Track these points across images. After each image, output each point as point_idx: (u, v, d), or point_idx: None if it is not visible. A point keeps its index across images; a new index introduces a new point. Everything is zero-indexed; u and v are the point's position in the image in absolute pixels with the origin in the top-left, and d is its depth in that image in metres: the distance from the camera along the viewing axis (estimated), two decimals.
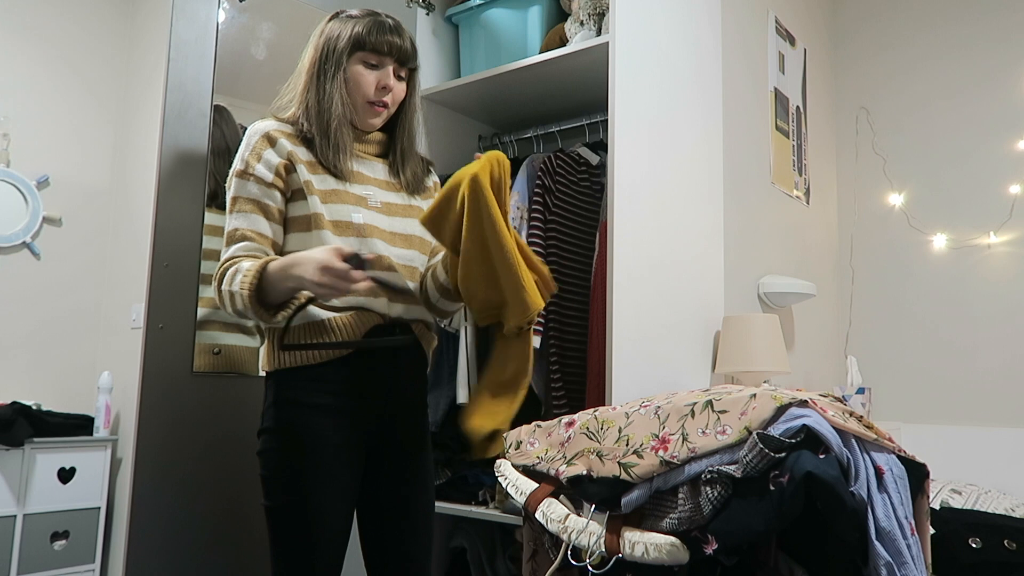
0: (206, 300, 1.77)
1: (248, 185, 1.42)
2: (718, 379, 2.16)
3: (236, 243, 1.41)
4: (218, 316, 1.83)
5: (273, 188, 1.43)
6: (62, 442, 2.94)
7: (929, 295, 2.89)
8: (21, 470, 2.82)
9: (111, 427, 3.15)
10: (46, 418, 2.96)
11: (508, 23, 2.23)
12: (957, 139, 2.89)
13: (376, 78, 1.50)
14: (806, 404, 1.18)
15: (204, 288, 1.78)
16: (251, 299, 1.32)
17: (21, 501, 2.81)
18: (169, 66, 1.69)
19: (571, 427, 1.40)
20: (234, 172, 1.44)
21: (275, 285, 1.34)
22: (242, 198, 1.42)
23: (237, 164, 1.44)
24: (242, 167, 1.43)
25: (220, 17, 1.82)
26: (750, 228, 2.44)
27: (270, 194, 1.43)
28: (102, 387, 3.12)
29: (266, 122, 1.48)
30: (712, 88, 2.24)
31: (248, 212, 1.42)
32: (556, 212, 2.06)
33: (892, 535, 1.11)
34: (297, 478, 1.39)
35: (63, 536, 2.90)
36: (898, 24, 3.08)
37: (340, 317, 1.43)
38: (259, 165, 1.43)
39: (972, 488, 2.26)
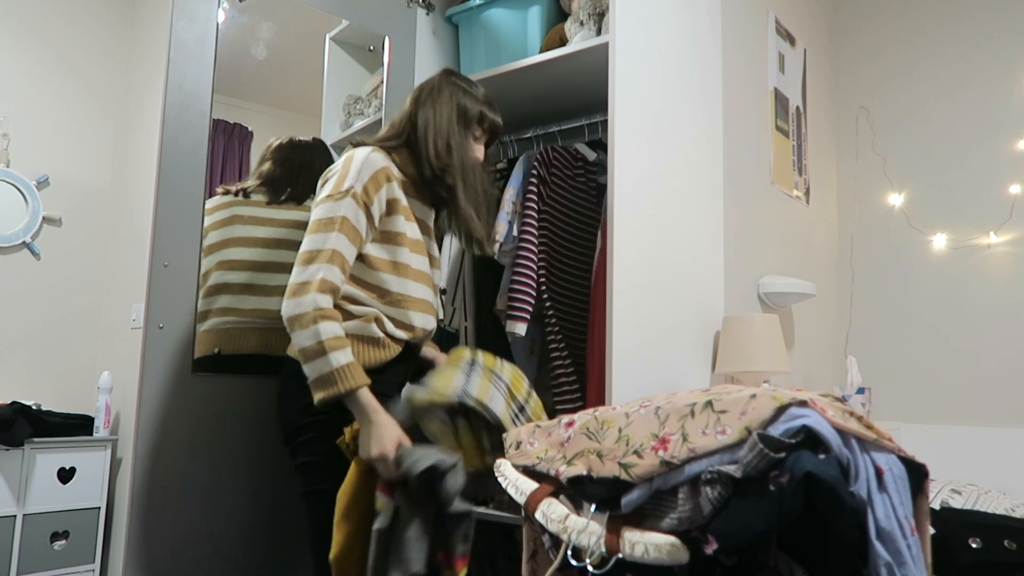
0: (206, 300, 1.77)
1: (359, 213, 1.53)
2: (718, 379, 2.17)
3: (331, 264, 1.49)
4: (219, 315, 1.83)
5: (371, 226, 1.56)
6: (62, 442, 2.95)
7: (929, 295, 2.89)
8: (21, 470, 2.83)
9: (111, 427, 3.15)
10: (46, 418, 2.96)
11: (508, 23, 2.23)
12: (957, 139, 2.89)
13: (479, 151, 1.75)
14: (806, 404, 1.18)
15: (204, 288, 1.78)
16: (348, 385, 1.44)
17: (21, 501, 2.81)
18: (169, 66, 1.69)
19: (571, 427, 1.40)
20: (348, 191, 1.52)
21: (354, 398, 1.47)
22: (349, 221, 1.52)
23: (353, 184, 1.53)
24: (361, 191, 1.53)
25: (220, 17, 1.82)
26: (750, 228, 2.44)
27: (368, 231, 1.56)
28: (102, 387, 3.13)
29: (378, 154, 1.59)
30: (712, 88, 2.24)
31: (349, 239, 1.52)
32: (550, 203, 2.07)
33: (892, 535, 1.11)
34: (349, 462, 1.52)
35: (63, 536, 2.91)
36: (898, 24, 3.08)
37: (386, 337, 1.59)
38: (376, 198, 1.56)
39: (972, 488, 2.26)
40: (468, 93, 1.73)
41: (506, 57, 2.18)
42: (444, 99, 1.69)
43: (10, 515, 2.80)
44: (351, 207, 1.52)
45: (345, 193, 1.52)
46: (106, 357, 3.36)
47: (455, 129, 1.68)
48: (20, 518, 2.82)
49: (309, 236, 1.52)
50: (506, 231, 2.03)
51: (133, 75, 3.51)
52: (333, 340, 1.45)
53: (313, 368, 1.44)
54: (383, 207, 1.58)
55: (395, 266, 1.60)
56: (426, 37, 2.34)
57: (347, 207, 1.52)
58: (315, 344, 1.44)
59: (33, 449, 2.88)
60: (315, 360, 1.44)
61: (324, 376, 1.44)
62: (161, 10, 3.25)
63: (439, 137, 1.65)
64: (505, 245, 2.04)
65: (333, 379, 1.43)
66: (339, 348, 1.44)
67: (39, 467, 2.90)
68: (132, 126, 3.45)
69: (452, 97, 1.70)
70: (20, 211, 3.18)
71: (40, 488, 2.88)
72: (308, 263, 1.49)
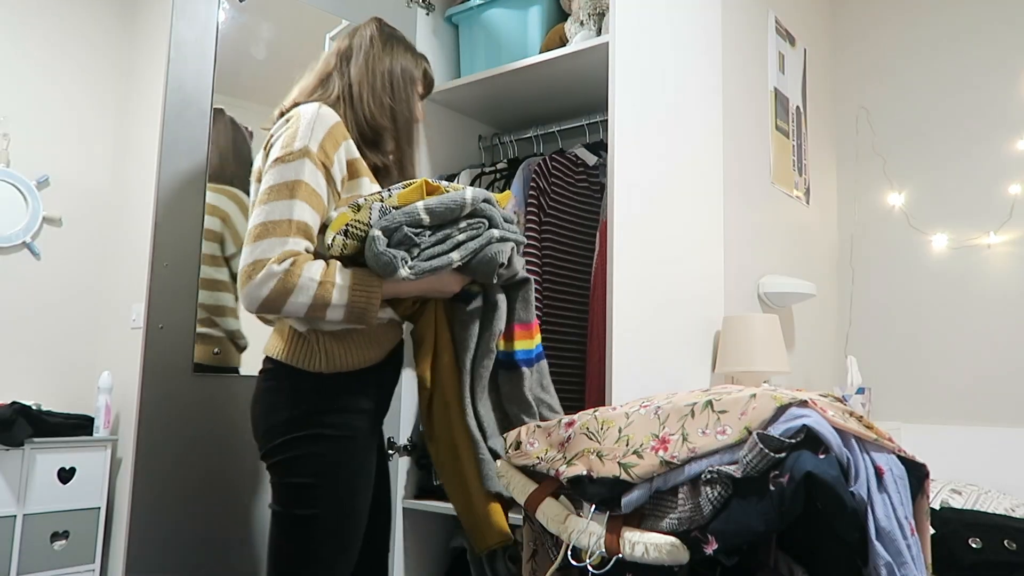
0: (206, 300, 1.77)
1: (318, 175, 1.32)
2: (718, 379, 2.16)
3: (295, 237, 1.28)
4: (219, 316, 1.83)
5: (333, 191, 1.36)
6: (62, 442, 2.95)
7: (929, 295, 2.89)
8: (21, 470, 2.82)
9: (111, 427, 3.15)
10: (46, 418, 2.96)
11: (508, 23, 2.23)
12: (957, 139, 2.89)
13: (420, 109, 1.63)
14: (806, 404, 1.18)
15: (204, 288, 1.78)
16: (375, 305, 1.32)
17: (21, 501, 2.81)
18: (169, 66, 1.69)
19: (571, 427, 1.40)
20: (302, 151, 1.31)
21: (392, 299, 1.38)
22: (308, 186, 1.30)
23: (308, 143, 1.31)
24: (317, 149, 1.32)
25: (220, 17, 1.82)
26: (750, 228, 2.44)
27: (331, 198, 1.36)
28: (102, 387, 3.13)
29: (329, 109, 1.40)
30: (712, 88, 2.24)
31: (312, 207, 1.31)
32: (551, 213, 2.07)
33: (892, 535, 1.11)
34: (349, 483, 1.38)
35: (63, 536, 2.91)
36: (898, 24, 3.08)
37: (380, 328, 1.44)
38: (335, 157, 1.36)
39: (972, 488, 2.26)
40: (407, 48, 1.59)
41: (506, 57, 2.18)
42: (383, 53, 1.53)
43: (10, 515, 2.80)
44: (309, 169, 1.31)
45: (299, 153, 1.31)
46: (106, 357, 3.36)
47: (399, 87, 1.52)
48: (20, 518, 2.82)
49: (260, 207, 1.29)
50: None
51: (133, 75, 3.51)
52: (325, 278, 1.27)
53: (333, 317, 1.29)
54: (344, 169, 1.38)
55: None
56: (426, 37, 2.34)
57: (304, 169, 1.31)
58: (314, 300, 1.27)
59: (33, 449, 2.88)
60: (329, 310, 1.28)
61: (352, 316, 1.29)
62: (161, 10, 3.25)
63: (384, 95, 1.50)
64: None
65: (361, 311, 1.29)
66: (335, 280, 1.28)
67: (39, 467, 2.90)
68: (132, 126, 3.45)
69: (393, 52, 1.55)
70: (20, 211, 3.18)
71: (40, 488, 2.88)
72: (261, 237, 1.27)
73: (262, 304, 1.27)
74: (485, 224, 1.38)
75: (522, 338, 1.48)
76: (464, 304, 1.44)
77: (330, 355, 1.37)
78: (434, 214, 1.32)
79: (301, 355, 1.38)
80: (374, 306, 1.31)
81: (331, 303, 1.28)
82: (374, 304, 1.31)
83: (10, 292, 3.15)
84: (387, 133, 1.51)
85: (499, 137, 2.45)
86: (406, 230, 1.29)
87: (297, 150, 1.31)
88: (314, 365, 1.37)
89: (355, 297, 1.29)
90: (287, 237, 1.27)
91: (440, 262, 1.32)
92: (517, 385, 1.46)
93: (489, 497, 1.42)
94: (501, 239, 1.39)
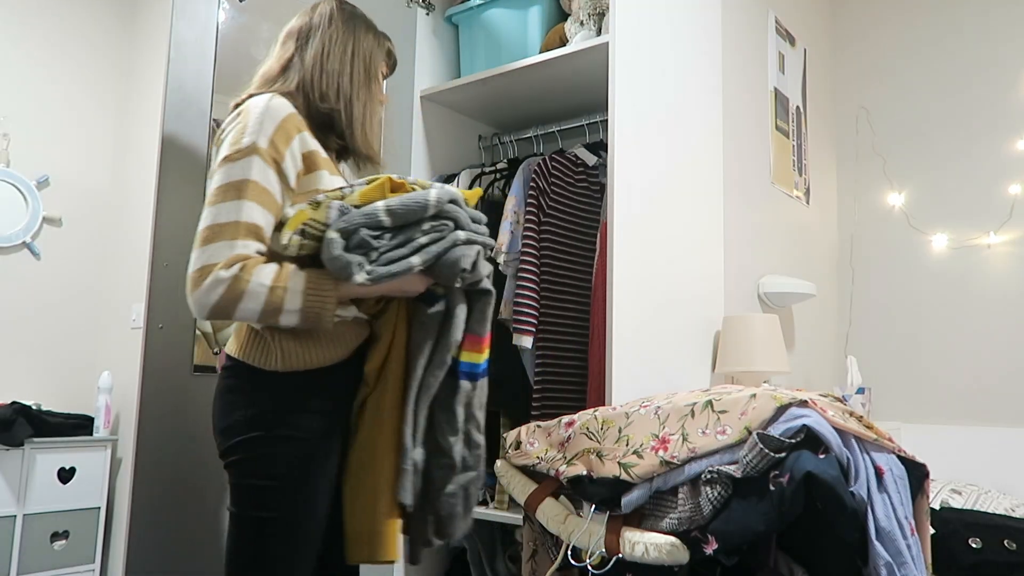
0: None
1: (268, 172, 1.26)
2: (718, 379, 2.16)
3: (245, 239, 1.23)
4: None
5: (286, 188, 1.30)
6: (62, 442, 2.94)
7: (929, 295, 2.89)
8: (21, 470, 2.82)
9: (111, 427, 3.15)
10: (46, 418, 2.96)
11: (508, 23, 2.23)
12: (957, 139, 2.89)
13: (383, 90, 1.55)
14: (806, 404, 1.18)
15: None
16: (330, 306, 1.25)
17: (21, 501, 2.81)
18: (169, 66, 1.69)
19: (571, 427, 1.40)
20: (250, 148, 1.25)
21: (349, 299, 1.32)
22: (258, 184, 1.25)
23: (256, 139, 1.26)
24: (267, 145, 1.27)
25: (220, 17, 1.82)
26: (750, 228, 2.44)
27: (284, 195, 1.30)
28: (102, 387, 3.12)
29: (283, 100, 1.33)
30: (712, 88, 2.24)
31: (264, 207, 1.26)
32: (551, 214, 2.07)
33: (892, 535, 1.11)
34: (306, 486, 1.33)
35: (63, 536, 2.90)
36: (898, 24, 3.08)
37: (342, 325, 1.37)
38: (287, 152, 1.29)
39: (972, 488, 2.26)
40: (369, 27, 1.51)
41: (506, 57, 2.18)
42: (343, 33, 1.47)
43: (10, 515, 2.80)
44: (258, 166, 1.25)
45: (247, 151, 1.25)
46: (106, 357, 3.36)
47: (359, 69, 1.46)
48: (20, 518, 2.82)
49: (208, 208, 1.24)
50: (509, 241, 2.04)
51: (133, 75, 3.51)
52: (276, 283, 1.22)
53: (288, 322, 1.25)
54: (299, 163, 1.31)
55: None
56: (426, 37, 2.34)
57: (252, 167, 1.24)
58: (264, 306, 1.22)
59: (33, 449, 2.88)
60: (282, 316, 1.23)
61: (307, 320, 1.25)
62: (161, 10, 3.25)
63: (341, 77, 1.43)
64: (508, 256, 2.05)
65: (315, 316, 1.24)
66: (287, 285, 1.23)
67: (39, 467, 2.89)
68: (132, 126, 3.44)
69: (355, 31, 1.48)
70: (20, 211, 3.18)
71: (40, 488, 2.88)
72: (209, 241, 1.22)
73: (211, 311, 1.23)
74: (450, 226, 1.31)
75: (470, 349, 1.38)
76: (426, 306, 1.37)
77: (286, 353, 1.32)
78: (396, 215, 1.26)
79: (257, 353, 1.34)
80: (329, 311, 1.25)
81: (283, 309, 1.24)
82: (329, 309, 1.25)
83: (10, 292, 3.15)
84: (339, 116, 1.43)
85: (499, 137, 2.45)
86: (364, 233, 1.24)
87: (245, 147, 1.25)
88: (270, 363, 1.32)
89: (309, 302, 1.24)
90: (235, 240, 1.22)
91: (400, 267, 1.26)
92: (451, 395, 1.37)
93: (394, 511, 1.32)
94: (467, 241, 1.32)
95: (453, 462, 1.34)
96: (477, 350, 1.39)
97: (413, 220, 1.28)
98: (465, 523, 1.37)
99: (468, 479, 1.36)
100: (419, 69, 2.31)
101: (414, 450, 1.34)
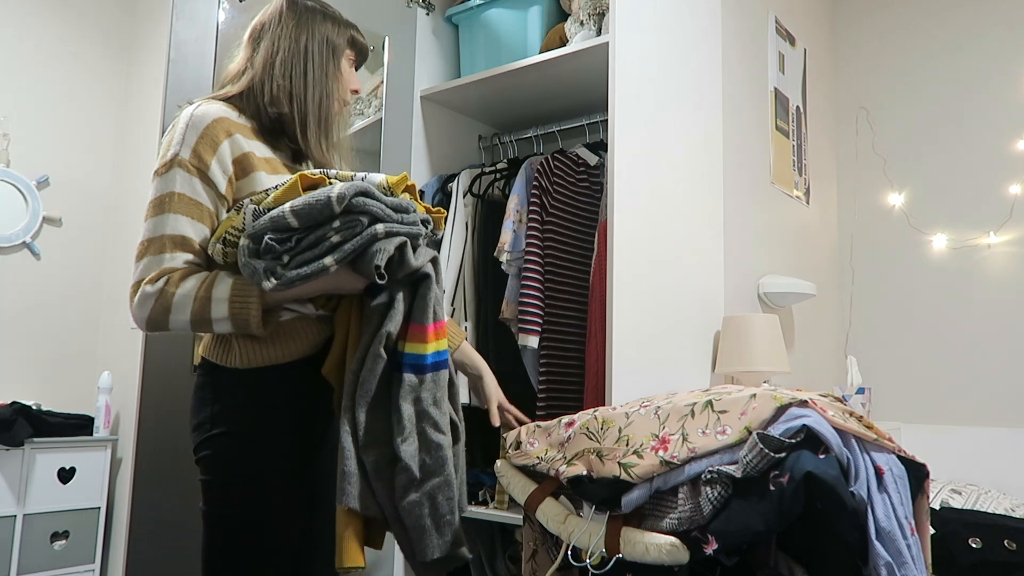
0: None
1: (194, 183, 1.26)
2: (718, 379, 2.16)
3: (171, 252, 1.25)
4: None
5: (217, 196, 1.29)
6: (62, 442, 2.95)
7: (929, 295, 2.89)
8: (21, 470, 2.83)
9: (111, 427, 3.16)
10: (46, 418, 2.96)
11: (508, 23, 2.23)
12: (957, 139, 2.89)
13: (352, 78, 1.49)
14: (806, 404, 1.18)
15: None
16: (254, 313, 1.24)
17: (21, 501, 2.81)
18: (169, 66, 1.69)
19: (571, 427, 1.40)
20: (173, 160, 1.25)
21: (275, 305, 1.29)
22: (184, 196, 1.25)
23: (179, 151, 1.26)
24: (189, 156, 1.26)
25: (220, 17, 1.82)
26: (750, 228, 2.44)
27: (217, 203, 1.29)
28: (102, 387, 3.13)
29: (214, 105, 1.32)
30: (712, 88, 2.24)
31: (192, 218, 1.26)
32: (554, 213, 2.07)
33: (892, 535, 1.11)
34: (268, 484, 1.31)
35: (63, 536, 2.91)
36: (898, 24, 3.08)
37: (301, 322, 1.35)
38: (213, 161, 1.27)
39: (972, 488, 2.26)
40: (327, 16, 1.45)
41: (506, 57, 2.18)
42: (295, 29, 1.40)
43: (10, 515, 2.80)
44: (181, 178, 1.25)
45: (170, 164, 1.25)
46: (106, 357, 3.36)
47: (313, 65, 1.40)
48: (20, 518, 2.82)
49: (143, 224, 1.27)
50: (511, 240, 2.04)
51: (133, 75, 3.51)
52: (199, 292, 1.23)
53: (221, 330, 1.25)
54: (228, 169, 1.29)
55: None
56: (426, 37, 2.34)
57: (176, 180, 1.25)
58: (192, 316, 1.23)
59: (33, 449, 2.88)
60: (213, 324, 1.24)
61: (238, 327, 1.24)
62: (161, 10, 3.25)
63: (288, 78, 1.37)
64: (512, 255, 2.05)
65: (243, 322, 1.23)
66: (211, 294, 1.23)
67: (39, 467, 2.90)
68: (132, 126, 3.45)
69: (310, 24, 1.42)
70: (20, 211, 3.18)
71: (40, 488, 2.88)
72: (140, 257, 1.26)
73: (147, 324, 1.26)
74: (363, 222, 1.25)
75: (414, 340, 1.30)
76: (370, 299, 1.32)
77: (245, 350, 1.31)
78: (300, 216, 1.21)
79: (220, 351, 1.33)
80: (255, 316, 1.24)
81: (212, 318, 1.24)
82: (254, 315, 1.24)
83: (10, 292, 3.15)
84: (289, 120, 1.38)
85: (499, 137, 2.45)
86: (267, 238, 1.21)
87: (169, 159, 1.26)
88: (231, 361, 1.32)
89: (234, 309, 1.24)
90: (162, 254, 1.25)
91: (312, 268, 1.21)
92: (396, 391, 1.29)
93: (353, 517, 1.26)
94: (387, 234, 1.26)
95: (408, 467, 1.24)
96: (420, 340, 1.31)
97: (321, 219, 1.22)
98: (442, 539, 1.26)
99: (433, 486, 1.25)
100: (419, 69, 2.31)
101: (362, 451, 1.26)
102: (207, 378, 1.35)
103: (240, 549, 1.31)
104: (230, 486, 1.31)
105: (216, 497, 1.31)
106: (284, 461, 1.33)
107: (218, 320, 1.24)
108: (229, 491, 1.31)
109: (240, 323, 1.25)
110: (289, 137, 1.40)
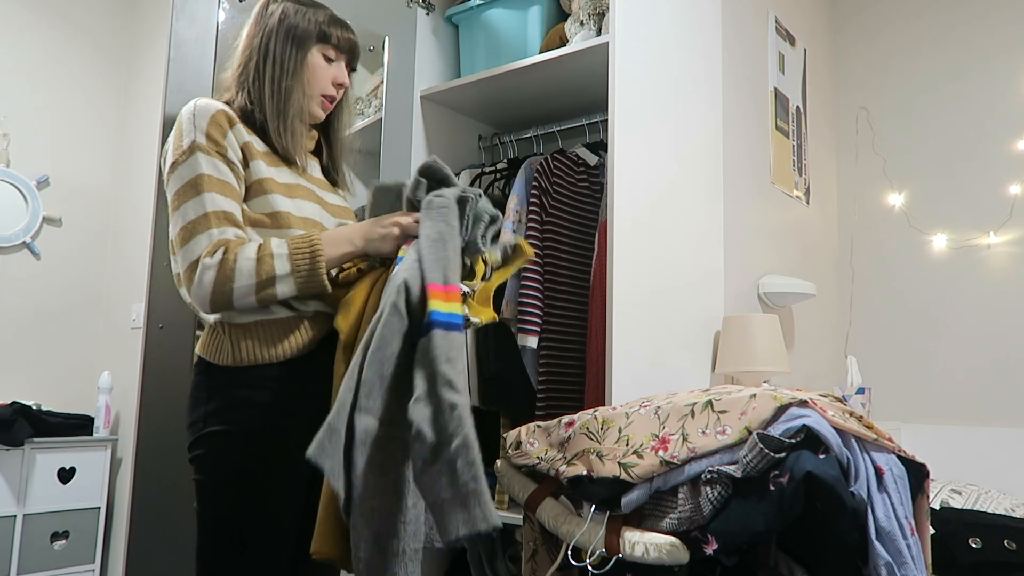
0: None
1: (217, 163, 1.27)
2: (718, 379, 2.16)
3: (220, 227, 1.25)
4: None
5: (237, 176, 1.31)
6: (62, 442, 2.95)
7: (929, 295, 2.89)
8: (21, 470, 2.83)
9: (111, 427, 3.16)
10: (46, 418, 2.96)
11: (508, 23, 2.23)
12: (957, 139, 2.89)
13: (332, 73, 1.47)
14: (806, 404, 1.18)
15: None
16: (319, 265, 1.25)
17: (21, 501, 2.81)
18: (169, 66, 1.69)
19: (571, 427, 1.40)
20: (191, 147, 1.27)
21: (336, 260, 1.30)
22: (212, 177, 1.26)
23: (194, 137, 1.27)
24: (205, 140, 1.28)
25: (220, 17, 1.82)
26: (750, 228, 2.44)
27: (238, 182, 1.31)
28: (102, 387, 3.13)
29: (213, 101, 1.35)
30: (712, 88, 2.24)
31: (224, 195, 1.27)
32: (553, 213, 2.07)
33: (892, 535, 1.11)
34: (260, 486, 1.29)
35: (63, 536, 2.91)
36: (898, 24, 3.08)
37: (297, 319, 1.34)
38: (227, 143, 1.30)
39: (972, 488, 2.26)
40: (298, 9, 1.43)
41: (506, 57, 2.18)
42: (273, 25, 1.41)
43: (10, 515, 2.80)
44: (206, 161, 1.27)
45: (190, 150, 1.27)
46: (106, 357, 3.36)
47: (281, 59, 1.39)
48: (20, 518, 2.82)
49: (173, 216, 1.27)
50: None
51: (133, 75, 3.51)
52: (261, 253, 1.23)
53: (285, 291, 1.25)
54: (238, 153, 1.32)
55: (275, 218, 1.33)
56: (426, 37, 2.34)
57: (201, 163, 1.27)
58: (257, 278, 1.23)
59: (33, 449, 2.88)
60: (277, 285, 1.24)
61: (302, 282, 1.25)
62: (161, 10, 3.25)
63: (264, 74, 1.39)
64: None
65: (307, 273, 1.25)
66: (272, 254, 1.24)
67: (39, 467, 2.90)
68: (132, 126, 3.45)
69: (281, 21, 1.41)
70: (20, 211, 3.18)
71: (40, 488, 2.88)
72: (186, 240, 1.25)
73: (211, 301, 1.24)
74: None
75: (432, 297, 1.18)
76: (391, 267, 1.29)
77: (237, 348, 1.30)
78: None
79: (213, 348, 1.33)
80: (320, 265, 1.25)
81: (276, 275, 1.24)
82: (320, 262, 1.25)
83: (10, 292, 3.16)
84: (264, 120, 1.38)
85: (499, 137, 2.45)
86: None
87: (187, 147, 1.27)
88: (223, 359, 1.31)
89: (297, 262, 1.25)
90: (211, 229, 1.25)
91: None
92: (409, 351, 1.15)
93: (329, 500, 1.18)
94: None
95: (420, 431, 1.06)
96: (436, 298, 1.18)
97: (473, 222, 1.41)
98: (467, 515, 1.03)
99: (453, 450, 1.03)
100: (419, 69, 2.31)
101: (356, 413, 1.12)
102: (202, 377, 1.35)
103: (233, 550, 1.29)
104: (222, 486, 1.30)
105: (209, 497, 1.31)
106: (277, 461, 1.31)
107: (282, 277, 1.25)
108: (221, 491, 1.30)
109: (304, 275, 1.25)
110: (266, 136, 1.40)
